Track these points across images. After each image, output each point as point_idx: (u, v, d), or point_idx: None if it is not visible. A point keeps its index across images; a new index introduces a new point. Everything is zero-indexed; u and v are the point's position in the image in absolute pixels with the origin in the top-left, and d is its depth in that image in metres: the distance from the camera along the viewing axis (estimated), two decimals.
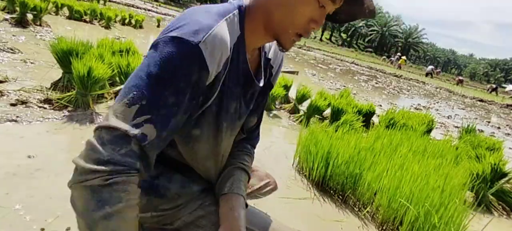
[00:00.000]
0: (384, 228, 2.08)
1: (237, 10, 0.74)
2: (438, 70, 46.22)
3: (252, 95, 0.87)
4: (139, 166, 0.58)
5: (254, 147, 1.03)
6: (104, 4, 15.98)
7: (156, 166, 0.81)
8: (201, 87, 0.66)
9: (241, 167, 0.92)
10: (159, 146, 0.62)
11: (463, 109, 12.17)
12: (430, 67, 34.46)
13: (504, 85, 36.41)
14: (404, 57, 36.59)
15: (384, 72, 20.83)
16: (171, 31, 0.63)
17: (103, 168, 0.55)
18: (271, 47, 0.90)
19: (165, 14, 20.34)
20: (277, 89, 4.21)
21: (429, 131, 4.55)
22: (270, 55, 0.90)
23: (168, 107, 0.61)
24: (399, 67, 31.69)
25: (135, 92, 0.59)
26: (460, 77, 34.43)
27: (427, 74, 30.98)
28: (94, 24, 8.94)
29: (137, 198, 0.59)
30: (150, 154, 0.61)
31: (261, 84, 0.85)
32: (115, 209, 0.55)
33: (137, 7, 20.26)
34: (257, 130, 1.03)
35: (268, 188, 1.20)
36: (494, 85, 29.38)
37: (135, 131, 0.58)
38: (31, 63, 3.71)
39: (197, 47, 0.61)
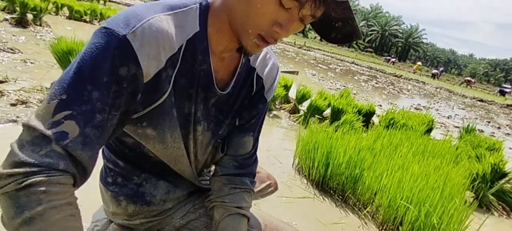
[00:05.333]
0: (384, 228, 2.08)
1: (197, 4, 0.67)
2: (441, 69, 47.36)
3: (220, 103, 0.77)
4: (64, 166, 0.53)
5: (254, 177, 0.91)
6: (104, 4, 15.98)
7: (141, 173, 0.81)
8: (136, 83, 0.60)
9: (239, 213, 0.82)
10: (87, 144, 0.55)
11: (463, 109, 12.18)
12: (435, 71, 35.60)
13: (504, 85, 36.51)
14: (419, 63, 38.01)
15: (384, 72, 20.84)
16: (105, 22, 0.59)
17: (18, 170, 0.50)
18: (259, 56, 0.82)
19: None
20: (277, 89, 4.21)
21: (429, 131, 4.55)
22: (256, 64, 0.81)
23: (92, 102, 0.55)
24: (414, 72, 32.45)
25: (56, 87, 0.55)
26: (468, 78, 34.76)
27: (433, 76, 31.90)
28: (94, 24, 8.94)
29: (66, 199, 0.53)
30: (76, 154, 0.54)
31: (226, 92, 0.75)
32: (35, 213, 0.50)
33: None
34: (254, 156, 0.89)
35: (269, 190, 1.21)
36: (506, 89, 29.26)
37: (53, 130, 0.52)
38: (31, 63, 3.71)
39: (124, 38, 0.56)
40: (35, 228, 0.50)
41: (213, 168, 0.92)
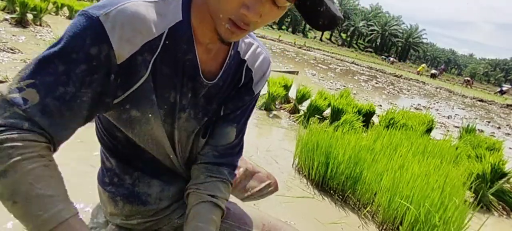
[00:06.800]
0: (384, 228, 2.08)
1: None
2: (442, 67, 47.66)
3: (210, 94, 0.77)
4: (28, 126, 0.55)
5: (234, 168, 0.89)
6: None
7: (133, 172, 0.81)
8: (108, 63, 0.61)
9: (212, 201, 0.79)
10: (45, 113, 0.57)
11: (463, 109, 12.18)
12: (434, 71, 35.92)
13: (504, 85, 36.59)
14: (424, 65, 38.48)
15: (384, 72, 20.84)
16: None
17: None
18: (250, 49, 0.81)
19: None
20: (277, 89, 4.21)
21: (429, 131, 4.55)
22: (247, 57, 0.81)
23: (56, 75, 0.57)
24: (418, 73, 32.54)
25: (32, 60, 0.59)
26: (467, 78, 35.11)
27: (432, 76, 32.04)
28: None
29: (37, 151, 0.56)
30: (36, 119, 0.56)
31: (213, 82, 0.75)
32: (7, 166, 0.53)
33: None
34: (236, 148, 0.88)
35: (269, 189, 1.21)
36: (504, 88, 29.21)
37: (14, 95, 0.55)
38: None
39: (96, 19, 0.59)
40: (10, 180, 0.53)
41: None
